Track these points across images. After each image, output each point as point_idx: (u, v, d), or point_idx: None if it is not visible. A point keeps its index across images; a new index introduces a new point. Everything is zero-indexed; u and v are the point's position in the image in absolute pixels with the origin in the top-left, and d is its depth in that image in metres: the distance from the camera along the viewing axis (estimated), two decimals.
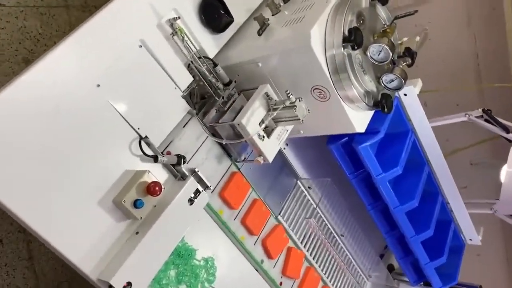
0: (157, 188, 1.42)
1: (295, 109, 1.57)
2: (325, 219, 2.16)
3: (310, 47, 1.51)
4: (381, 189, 1.87)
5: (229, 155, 1.76)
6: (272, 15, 1.79)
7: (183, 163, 1.54)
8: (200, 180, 1.61)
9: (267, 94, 1.63)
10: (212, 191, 1.67)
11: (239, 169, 1.80)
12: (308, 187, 2.09)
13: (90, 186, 1.36)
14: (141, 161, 1.48)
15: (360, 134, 1.74)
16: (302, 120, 1.59)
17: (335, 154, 1.87)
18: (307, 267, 2.05)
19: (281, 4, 1.81)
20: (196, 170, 1.60)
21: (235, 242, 1.75)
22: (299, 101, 1.59)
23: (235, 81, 1.73)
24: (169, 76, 1.58)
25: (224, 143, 1.61)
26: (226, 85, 1.71)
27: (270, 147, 1.65)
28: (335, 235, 2.21)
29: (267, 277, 1.85)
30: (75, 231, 1.32)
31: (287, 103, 1.58)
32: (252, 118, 1.58)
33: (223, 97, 1.70)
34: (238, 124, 1.57)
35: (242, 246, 1.76)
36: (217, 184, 1.70)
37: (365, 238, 2.38)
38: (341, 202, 2.18)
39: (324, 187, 2.06)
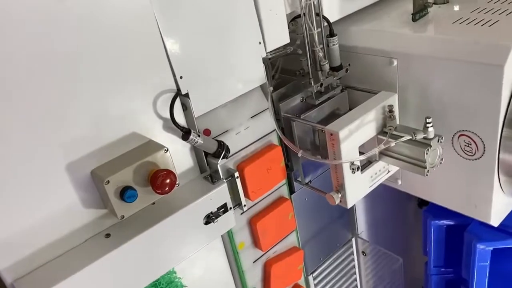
0: (168, 182, 0.83)
1: (427, 150, 0.96)
2: None
3: (500, 70, 0.89)
4: None
5: (287, 167, 1.16)
6: (435, 3, 1.16)
7: (223, 157, 0.95)
8: (233, 191, 1.02)
9: (389, 109, 1.01)
10: (243, 212, 1.07)
11: (292, 193, 1.19)
12: (362, 252, 1.47)
13: (66, 134, 0.78)
14: (162, 129, 0.90)
15: (485, 225, 1.11)
16: (428, 172, 0.98)
17: (430, 234, 1.25)
18: None
19: None
20: (236, 175, 1.00)
21: None
22: (439, 141, 0.98)
23: (347, 70, 1.12)
24: (260, 23, 0.98)
25: (299, 154, 1.00)
26: (333, 69, 1.10)
27: (357, 187, 1.05)
28: None
29: None
30: (8, 196, 0.74)
31: (419, 137, 0.96)
32: (354, 134, 0.98)
33: (321, 85, 1.09)
34: (331, 135, 0.97)
35: None
36: (253, 206, 1.11)
37: None
38: None
39: (385, 263, 1.44)
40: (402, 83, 1.08)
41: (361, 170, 1.03)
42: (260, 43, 1.00)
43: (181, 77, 0.89)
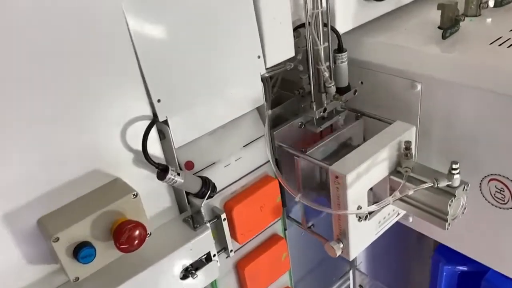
0: (136, 236, 0.66)
1: (451, 202, 0.80)
2: None
3: None
4: None
5: (283, 203, 0.99)
6: (467, 15, 0.99)
7: (208, 197, 0.77)
8: (218, 234, 0.85)
9: (406, 147, 0.85)
10: (227, 256, 0.90)
11: (285, 230, 1.03)
12: (360, 286, 1.32)
13: (2, 176, 0.60)
14: (133, 164, 0.72)
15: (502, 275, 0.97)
16: (449, 225, 0.82)
17: (441, 280, 1.10)
18: None
19: (489, 6, 1.02)
20: (223, 217, 0.83)
21: None
22: (464, 189, 0.81)
23: (355, 92, 0.95)
24: (261, 33, 0.80)
25: (297, 199, 0.83)
26: (339, 91, 0.92)
27: (362, 235, 0.89)
28: None
29: None
30: None
31: (442, 184, 0.80)
32: (364, 177, 0.81)
33: (324, 110, 0.92)
34: (337, 177, 0.80)
35: None
36: (241, 247, 0.94)
37: None
38: None
39: None
40: (425, 112, 0.91)
41: (368, 218, 0.87)
42: (259, 57, 0.82)
43: (158, 101, 0.71)
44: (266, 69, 0.84)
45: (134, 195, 0.67)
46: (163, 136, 0.75)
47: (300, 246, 1.10)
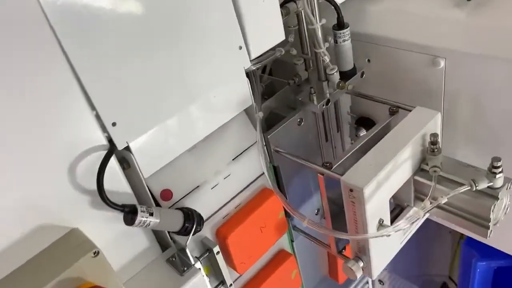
0: None
1: (494, 207, 0.64)
2: None
3: None
4: None
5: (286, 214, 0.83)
6: None
7: (194, 232, 0.62)
8: (213, 267, 0.70)
9: (432, 141, 0.68)
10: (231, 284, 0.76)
11: (292, 242, 0.88)
12: (380, 281, 1.20)
13: None
14: (90, 207, 0.56)
15: None
16: (491, 232, 0.67)
17: (474, 276, 0.96)
18: None
19: None
20: (216, 250, 0.67)
21: None
22: (508, 188, 0.66)
23: (363, 74, 0.78)
24: (240, 18, 0.62)
25: (304, 224, 0.67)
26: (343, 76, 0.75)
27: (385, 249, 0.74)
28: None
29: None
30: None
31: (482, 186, 0.64)
32: (384, 186, 0.65)
33: (327, 102, 0.74)
34: (351, 191, 0.64)
35: None
36: (242, 275, 0.79)
37: None
38: None
39: None
40: (450, 93, 0.74)
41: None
42: (240, 48, 0.65)
43: (113, 124, 0.54)
44: (251, 61, 0.67)
45: (94, 253, 0.51)
46: (128, 165, 0.59)
47: (310, 252, 0.95)
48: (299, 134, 0.78)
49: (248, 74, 0.68)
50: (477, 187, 0.65)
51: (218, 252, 0.68)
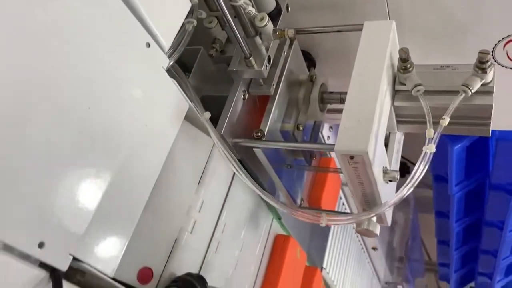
0: None
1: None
2: None
3: None
4: None
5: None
6: None
7: None
8: None
9: (403, 58, 0.57)
10: None
11: (280, 219, 0.77)
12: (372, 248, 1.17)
13: None
14: None
15: None
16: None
17: (452, 157, 0.95)
18: None
19: None
20: None
21: None
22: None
23: (288, 7, 0.63)
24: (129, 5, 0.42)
25: (322, 224, 0.54)
26: (273, 17, 0.59)
27: (389, 191, 0.66)
28: None
29: None
30: None
31: (476, 87, 0.56)
32: (380, 135, 0.55)
33: (268, 60, 0.58)
34: (351, 158, 0.52)
35: None
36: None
37: None
38: None
39: None
40: None
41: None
42: (149, 45, 0.45)
43: (41, 245, 0.35)
44: (166, 53, 0.48)
45: None
46: (81, 275, 0.40)
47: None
48: (250, 108, 0.63)
49: (169, 72, 0.49)
50: (472, 91, 0.56)
51: None
